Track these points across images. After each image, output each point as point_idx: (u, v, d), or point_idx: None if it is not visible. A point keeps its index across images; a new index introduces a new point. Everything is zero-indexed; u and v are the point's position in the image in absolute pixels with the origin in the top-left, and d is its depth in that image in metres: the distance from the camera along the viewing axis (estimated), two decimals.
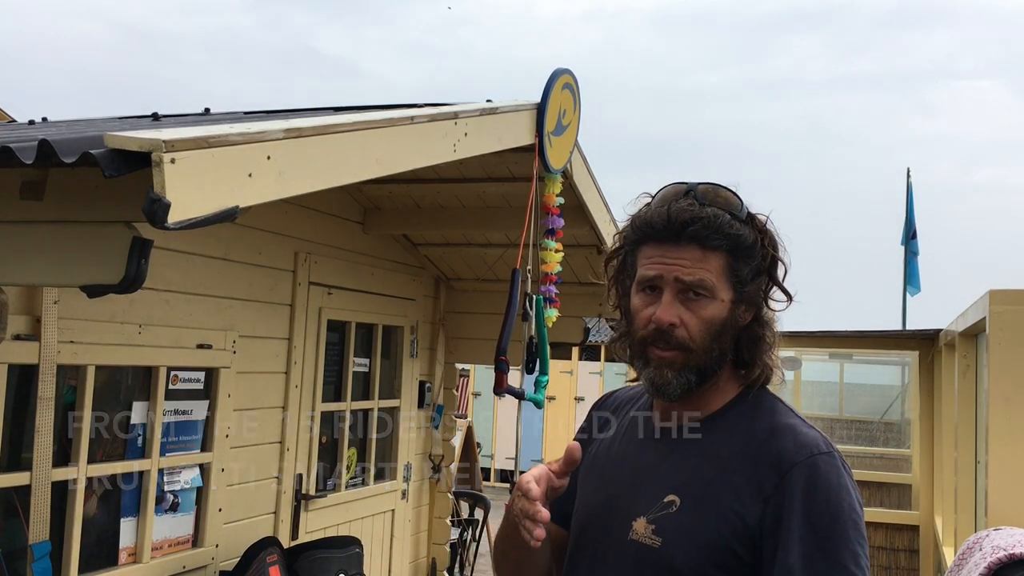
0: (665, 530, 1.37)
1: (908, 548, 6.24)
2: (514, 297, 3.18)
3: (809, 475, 1.32)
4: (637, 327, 1.42)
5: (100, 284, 1.71)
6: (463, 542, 6.49)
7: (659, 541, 1.36)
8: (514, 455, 11.75)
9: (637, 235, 1.45)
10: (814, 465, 1.33)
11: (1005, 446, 3.12)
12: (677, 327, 1.38)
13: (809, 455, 1.34)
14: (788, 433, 1.38)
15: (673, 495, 1.39)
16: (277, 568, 3.64)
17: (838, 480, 1.33)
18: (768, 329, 1.45)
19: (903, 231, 13.47)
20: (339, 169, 2.20)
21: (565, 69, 3.51)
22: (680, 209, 1.39)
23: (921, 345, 6.11)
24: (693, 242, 1.38)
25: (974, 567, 2.75)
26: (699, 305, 1.38)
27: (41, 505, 2.82)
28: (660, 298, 1.39)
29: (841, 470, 1.35)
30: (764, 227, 1.44)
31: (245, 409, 3.76)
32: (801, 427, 1.40)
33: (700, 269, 1.37)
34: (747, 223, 1.42)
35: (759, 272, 1.42)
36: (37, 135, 1.83)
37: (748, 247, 1.40)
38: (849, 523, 1.31)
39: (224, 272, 3.63)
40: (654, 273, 1.40)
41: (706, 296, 1.38)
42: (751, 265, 1.40)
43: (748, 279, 1.40)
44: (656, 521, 1.38)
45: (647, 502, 1.41)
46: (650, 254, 1.42)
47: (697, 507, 1.36)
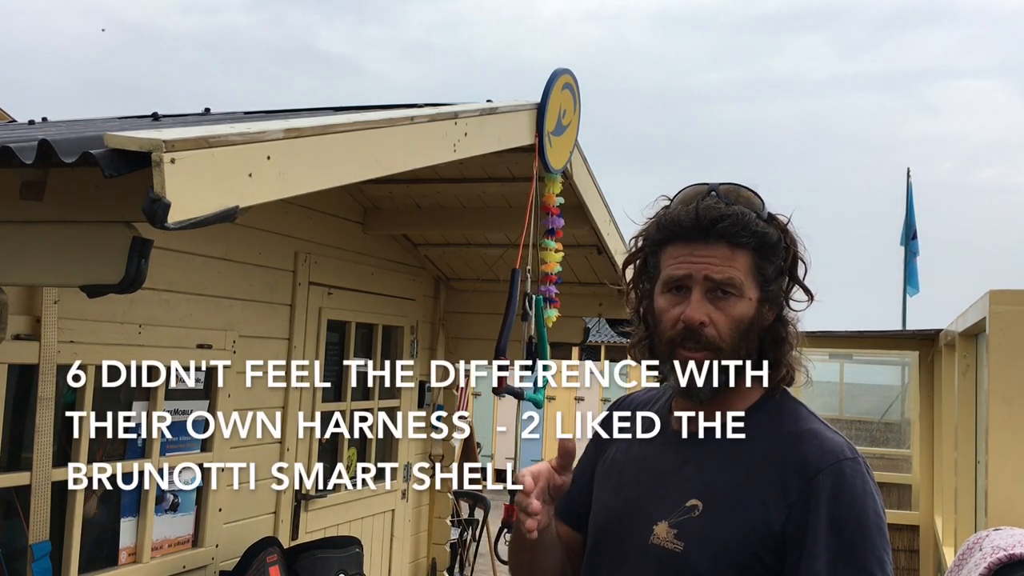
0: (688, 535, 1.35)
1: (908, 548, 6.23)
2: (514, 297, 3.18)
3: (835, 481, 1.31)
4: (664, 328, 1.40)
5: (100, 284, 1.71)
6: (463, 542, 6.49)
7: (681, 546, 1.35)
8: (514, 455, 11.75)
9: (662, 235, 1.43)
10: (840, 471, 1.32)
11: (1005, 446, 3.12)
12: (707, 326, 1.36)
13: (835, 460, 1.33)
14: (813, 438, 1.37)
15: (695, 500, 1.37)
16: (277, 568, 3.64)
17: (863, 486, 1.32)
18: (791, 328, 1.44)
19: (902, 231, 13.47)
20: (339, 169, 2.20)
21: (565, 69, 3.51)
22: (708, 207, 1.38)
23: (921, 345, 6.11)
24: (722, 240, 1.37)
25: (974, 567, 2.75)
26: (728, 304, 1.37)
27: (41, 505, 2.82)
28: (688, 297, 1.38)
29: (866, 476, 1.34)
30: (785, 226, 1.44)
31: (245, 409, 3.76)
32: (826, 432, 1.39)
33: (729, 267, 1.36)
34: (769, 222, 1.41)
35: (781, 271, 1.42)
36: (37, 135, 1.83)
37: (773, 245, 1.40)
38: (875, 529, 1.30)
39: (224, 272, 3.63)
40: (683, 272, 1.38)
41: (735, 295, 1.37)
42: (775, 264, 1.40)
43: (772, 278, 1.40)
44: (678, 526, 1.37)
45: (668, 506, 1.39)
46: (676, 254, 1.40)
47: (720, 512, 1.35)
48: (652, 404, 1.58)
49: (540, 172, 3.42)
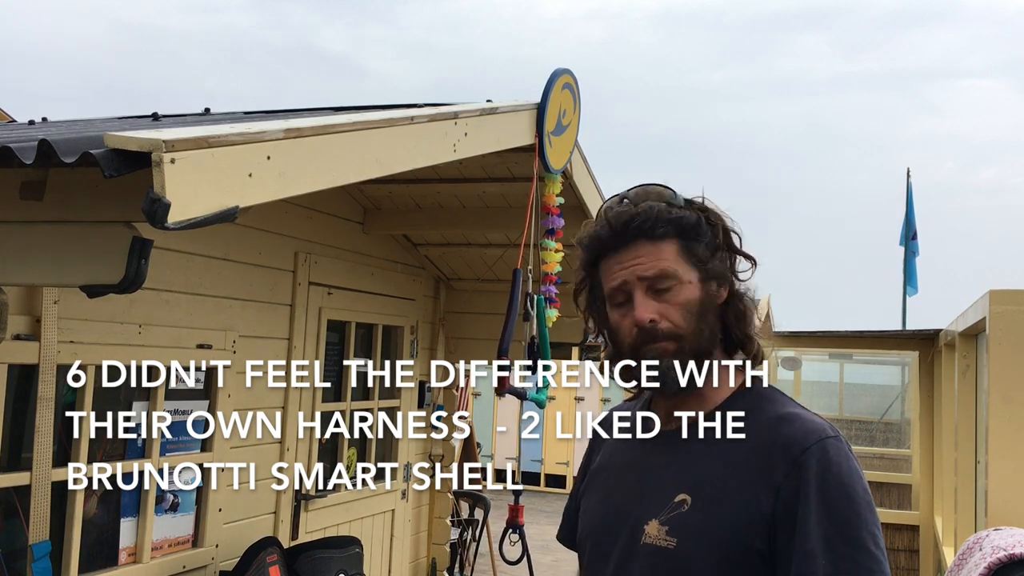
0: (679, 530, 1.36)
1: (908, 548, 6.23)
2: (515, 297, 3.18)
3: (821, 458, 1.32)
4: (623, 338, 1.44)
5: (100, 284, 1.71)
6: (463, 542, 6.49)
7: (674, 542, 1.36)
8: (515, 455, 11.76)
9: (590, 254, 1.49)
10: (824, 448, 1.33)
11: (1005, 446, 3.12)
12: (658, 321, 1.40)
13: (818, 439, 1.34)
14: (794, 420, 1.38)
15: (683, 494, 1.38)
16: (277, 568, 3.64)
17: (848, 463, 1.33)
18: (746, 300, 1.47)
19: (902, 231, 13.48)
20: (339, 169, 2.20)
21: (565, 69, 3.51)
22: (618, 213, 1.45)
23: (921, 345, 6.10)
24: (640, 238, 1.42)
25: (974, 567, 2.75)
26: (671, 295, 1.41)
27: (41, 505, 2.82)
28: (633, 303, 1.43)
29: (849, 454, 1.35)
30: (703, 206, 1.48)
31: (245, 409, 3.76)
32: (805, 414, 1.40)
33: (657, 260, 1.41)
34: (686, 207, 1.46)
35: (716, 247, 1.45)
36: (37, 135, 1.83)
37: (694, 226, 1.43)
38: (864, 504, 1.31)
39: (224, 272, 3.63)
40: (619, 281, 1.43)
41: (674, 284, 1.41)
42: (704, 242, 1.43)
43: (708, 256, 1.43)
44: (669, 522, 1.37)
45: (657, 504, 1.40)
46: (608, 267, 1.46)
47: (709, 504, 1.36)
48: (632, 411, 1.60)
49: (540, 172, 3.42)
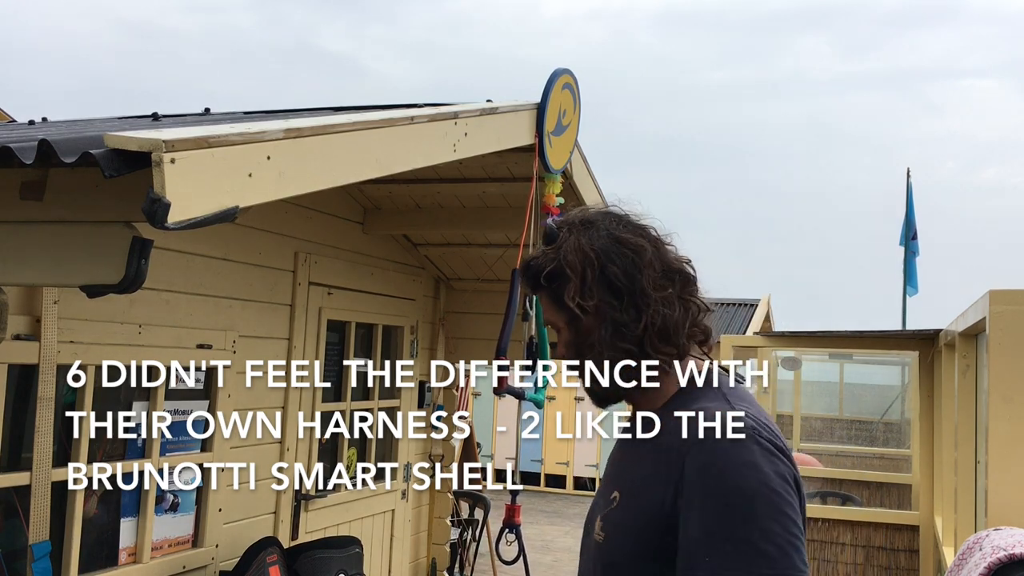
0: (607, 525, 1.45)
1: (908, 548, 6.23)
2: (514, 297, 3.18)
3: (707, 452, 1.33)
4: None
5: (100, 284, 1.71)
6: (463, 542, 6.49)
7: (603, 537, 1.44)
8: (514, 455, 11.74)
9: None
10: (711, 442, 1.34)
11: (1005, 446, 3.12)
12: (564, 356, 1.58)
13: (709, 434, 1.35)
14: (699, 416, 1.39)
15: (616, 492, 1.47)
16: (277, 568, 3.64)
17: (745, 457, 1.32)
18: (659, 310, 1.49)
19: (902, 231, 13.48)
20: (339, 169, 2.20)
21: (565, 69, 3.51)
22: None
23: (921, 345, 6.10)
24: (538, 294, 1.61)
25: (974, 567, 2.75)
26: (560, 336, 1.58)
27: (41, 505, 2.82)
28: None
29: (752, 447, 1.33)
30: (561, 245, 1.58)
31: (245, 409, 3.76)
32: (716, 409, 1.39)
33: (545, 311, 1.61)
34: (552, 258, 1.56)
35: (586, 285, 1.52)
36: (37, 135, 1.83)
37: (555, 275, 1.54)
38: (758, 498, 1.29)
39: (224, 272, 3.63)
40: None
41: (559, 327, 1.58)
42: (569, 286, 1.52)
43: (579, 294, 1.52)
44: (604, 518, 1.46)
45: (604, 502, 1.49)
46: None
47: (628, 501, 1.43)
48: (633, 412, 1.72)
49: (540, 172, 3.42)
